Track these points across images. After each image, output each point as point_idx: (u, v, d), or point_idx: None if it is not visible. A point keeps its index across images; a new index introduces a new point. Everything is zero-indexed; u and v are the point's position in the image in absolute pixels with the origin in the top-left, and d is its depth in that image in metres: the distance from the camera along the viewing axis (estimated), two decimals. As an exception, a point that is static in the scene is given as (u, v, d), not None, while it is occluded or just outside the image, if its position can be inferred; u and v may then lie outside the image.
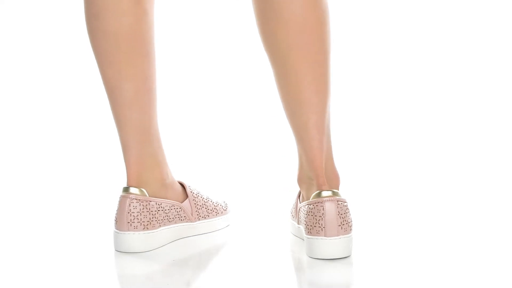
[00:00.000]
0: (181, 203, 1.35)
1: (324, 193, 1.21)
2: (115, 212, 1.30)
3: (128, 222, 1.28)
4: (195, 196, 1.37)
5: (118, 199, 1.31)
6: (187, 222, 1.35)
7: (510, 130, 2.28)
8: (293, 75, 1.21)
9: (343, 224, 1.19)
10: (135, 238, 1.28)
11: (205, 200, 1.39)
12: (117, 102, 1.29)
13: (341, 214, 1.19)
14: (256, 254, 1.25)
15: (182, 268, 1.19)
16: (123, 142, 1.31)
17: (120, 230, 1.29)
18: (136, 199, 1.29)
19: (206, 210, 1.38)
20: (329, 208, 1.19)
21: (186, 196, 1.37)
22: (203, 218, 1.38)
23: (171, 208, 1.33)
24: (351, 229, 1.21)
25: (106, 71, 1.29)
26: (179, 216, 1.34)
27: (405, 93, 2.46)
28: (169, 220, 1.32)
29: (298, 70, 1.21)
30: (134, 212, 1.29)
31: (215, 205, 1.41)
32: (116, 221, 1.29)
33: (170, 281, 1.13)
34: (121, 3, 1.26)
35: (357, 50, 2.53)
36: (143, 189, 1.30)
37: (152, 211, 1.30)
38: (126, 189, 1.30)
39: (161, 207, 1.31)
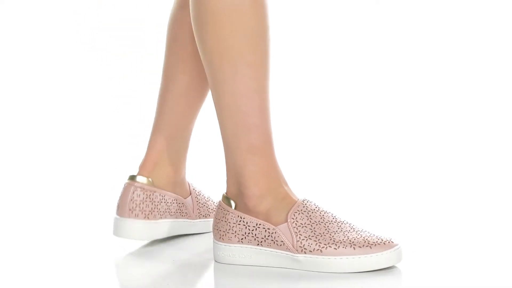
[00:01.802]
0: (184, 199, 1.35)
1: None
2: (118, 199, 1.30)
3: (130, 209, 1.29)
4: (197, 193, 1.38)
5: (122, 186, 1.31)
6: (187, 218, 1.36)
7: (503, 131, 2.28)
8: None
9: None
10: (135, 226, 1.28)
11: (207, 199, 1.39)
12: (168, 91, 1.31)
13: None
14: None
15: (182, 268, 1.19)
16: (154, 130, 1.33)
17: (121, 216, 1.29)
18: (140, 187, 1.29)
19: (207, 209, 1.38)
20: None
21: (189, 193, 1.37)
22: (204, 217, 1.38)
23: (173, 201, 1.33)
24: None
25: (167, 59, 1.32)
26: (180, 211, 1.34)
27: (401, 94, 2.48)
28: (171, 214, 1.32)
29: None
30: (136, 200, 1.29)
31: (216, 206, 1.41)
32: (118, 207, 1.29)
33: (170, 281, 1.13)
34: None
35: (354, 50, 2.53)
36: (150, 179, 1.30)
37: (155, 201, 1.30)
38: (132, 177, 1.31)
39: (164, 199, 1.31)
